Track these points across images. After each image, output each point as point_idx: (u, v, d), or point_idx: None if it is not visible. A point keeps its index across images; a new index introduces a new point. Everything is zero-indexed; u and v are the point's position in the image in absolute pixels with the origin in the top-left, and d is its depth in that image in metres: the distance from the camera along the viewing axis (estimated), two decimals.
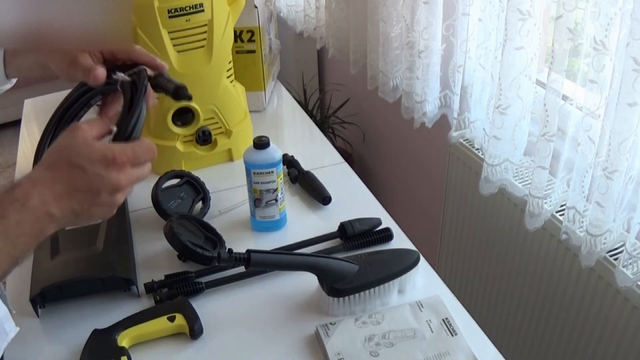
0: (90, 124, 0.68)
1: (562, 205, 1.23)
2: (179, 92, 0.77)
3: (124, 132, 0.69)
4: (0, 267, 0.61)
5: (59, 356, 0.86)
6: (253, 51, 1.44)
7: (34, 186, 0.63)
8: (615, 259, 1.11)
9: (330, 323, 0.86)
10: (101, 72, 0.77)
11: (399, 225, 1.08)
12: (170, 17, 1.12)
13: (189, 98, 0.77)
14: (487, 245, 1.48)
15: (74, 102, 0.84)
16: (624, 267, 1.07)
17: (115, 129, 0.70)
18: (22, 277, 0.99)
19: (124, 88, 0.74)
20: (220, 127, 1.28)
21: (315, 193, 1.16)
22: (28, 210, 0.62)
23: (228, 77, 1.24)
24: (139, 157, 0.68)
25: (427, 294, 0.92)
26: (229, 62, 1.25)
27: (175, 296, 0.92)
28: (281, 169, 1.05)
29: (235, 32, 1.35)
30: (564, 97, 1.12)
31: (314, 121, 1.53)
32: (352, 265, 0.88)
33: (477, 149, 1.44)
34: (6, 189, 0.63)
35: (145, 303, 0.95)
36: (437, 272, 0.98)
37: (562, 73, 1.08)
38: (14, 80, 0.95)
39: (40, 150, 0.80)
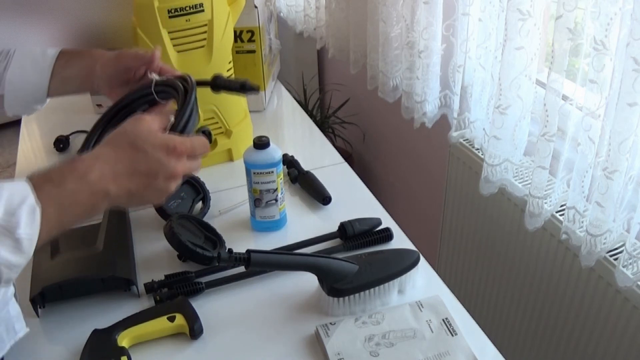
0: (153, 117, 0.73)
1: (562, 205, 1.23)
2: (246, 86, 0.87)
3: (180, 125, 0.75)
4: (47, 231, 0.62)
5: (59, 356, 0.86)
6: (253, 51, 1.44)
7: (96, 161, 0.66)
8: (615, 259, 1.11)
9: (330, 323, 0.86)
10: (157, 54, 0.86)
11: (399, 225, 1.08)
12: (170, 17, 1.12)
13: (257, 89, 0.87)
14: (487, 245, 1.48)
15: (126, 104, 0.88)
16: (624, 267, 1.07)
17: (172, 120, 0.75)
18: (22, 277, 0.99)
19: (176, 89, 0.81)
20: (220, 127, 1.28)
21: (315, 193, 1.16)
22: (86, 182, 0.64)
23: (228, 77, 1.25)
24: (195, 150, 0.73)
25: (427, 294, 0.92)
26: (229, 62, 1.25)
27: (175, 296, 0.92)
28: (281, 169, 1.05)
29: (235, 32, 1.35)
30: (564, 97, 1.12)
31: (314, 121, 1.53)
32: (352, 265, 0.88)
33: (477, 149, 1.44)
34: (67, 160, 0.66)
35: (145, 303, 0.95)
36: (437, 272, 0.98)
37: (562, 73, 1.08)
38: (46, 102, 0.99)
39: (86, 144, 0.84)
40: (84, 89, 0.93)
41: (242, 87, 0.88)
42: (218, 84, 0.89)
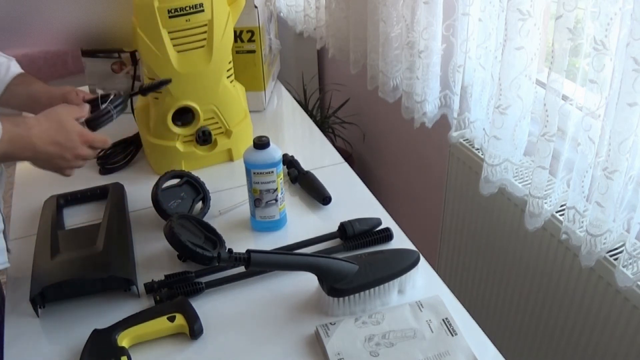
0: (76, 108, 0.98)
1: (562, 205, 1.23)
2: (163, 81, 1.10)
3: (91, 121, 1.00)
4: None
5: (59, 356, 0.86)
6: (253, 51, 1.44)
7: (37, 123, 0.91)
8: (615, 259, 1.11)
9: (330, 323, 0.86)
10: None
11: (399, 225, 1.08)
12: (170, 17, 1.12)
13: (169, 81, 1.11)
14: (487, 245, 1.48)
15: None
16: (624, 267, 1.07)
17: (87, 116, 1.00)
18: (22, 277, 0.99)
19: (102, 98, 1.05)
20: (220, 127, 1.28)
21: (315, 193, 1.16)
22: (29, 133, 0.88)
23: (228, 77, 1.24)
24: (96, 143, 0.97)
25: (427, 294, 0.92)
26: (229, 62, 1.25)
27: (175, 296, 0.92)
28: (281, 169, 1.05)
29: (235, 32, 1.35)
30: (564, 97, 1.12)
31: (314, 121, 1.53)
32: (352, 265, 0.88)
33: (477, 149, 1.44)
34: (24, 116, 0.98)
35: (145, 303, 0.95)
36: (437, 272, 0.98)
37: (562, 73, 1.08)
38: None
39: None
40: (27, 109, 1.11)
41: (160, 84, 1.10)
42: (145, 89, 1.10)
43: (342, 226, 1.04)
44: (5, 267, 0.97)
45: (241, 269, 0.92)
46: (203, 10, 1.14)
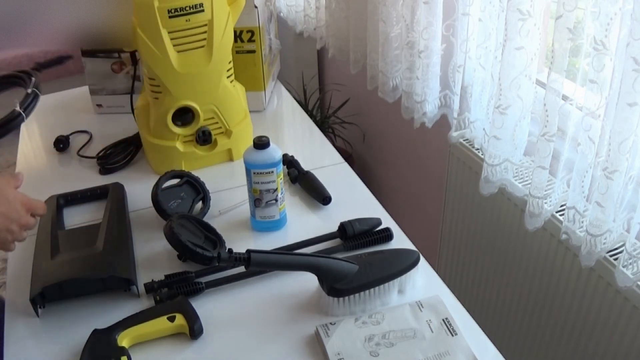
0: (10, 177, 0.94)
1: (562, 205, 1.23)
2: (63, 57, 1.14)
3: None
4: None
5: (59, 356, 0.86)
6: (253, 51, 1.44)
7: None
8: (615, 259, 1.11)
9: (330, 323, 0.86)
10: None
11: (399, 225, 1.08)
12: (170, 17, 1.12)
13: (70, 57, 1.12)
14: (487, 246, 1.48)
15: None
16: (624, 267, 1.07)
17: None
18: (22, 277, 0.99)
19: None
20: (220, 127, 1.28)
21: (315, 193, 1.16)
22: None
23: (228, 77, 1.24)
24: (38, 210, 0.94)
25: (427, 294, 0.92)
26: (229, 62, 1.25)
27: (175, 296, 0.92)
28: (281, 169, 1.05)
29: (235, 32, 1.35)
30: (564, 97, 1.12)
31: (314, 121, 1.53)
32: (352, 265, 0.88)
33: (477, 149, 1.44)
34: None
35: (145, 303, 0.95)
36: (437, 272, 0.98)
37: (562, 73, 1.08)
38: None
39: None
40: None
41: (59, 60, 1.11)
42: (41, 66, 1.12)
43: (342, 226, 1.04)
44: None
45: (241, 269, 0.92)
46: (203, 10, 1.14)
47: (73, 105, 1.61)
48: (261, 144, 1.02)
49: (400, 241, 1.05)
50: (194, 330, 0.87)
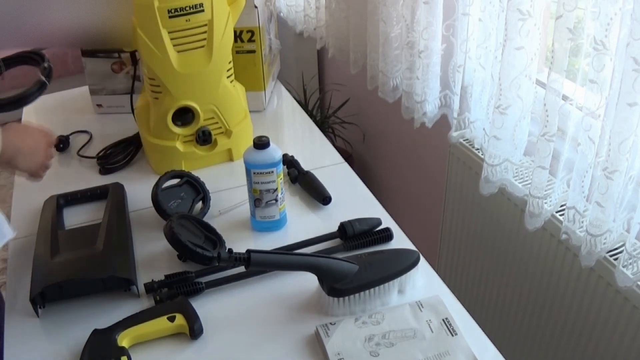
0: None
1: (562, 205, 1.23)
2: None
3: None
4: None
5: (59, 356, 0.86)
6: (253, 51, 1.44)
7: (9, 127, 0.96)
8: (615, 259, 1.11)
9: (330, 323, 0.86)
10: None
11: (399, 225, 1.08)
12: (170, 17, 1.12)
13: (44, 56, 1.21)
14: (487, 246, 1.48)
15: None
16: (624, 267, 1.07)
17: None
18: (22, 277, 0.99)
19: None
20: (220, 127, 1.28)
21: (315, 193, 1.16)
22: (6, 134, 0.91)
23: (228, 77, 1.24)
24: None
25: (427, 294, 0.92)
26: (229, 62, 1.25)
27: (175, 296, 0.92)
28: (281, 169, 1.05)
29: (235, 32, 1.35)
30: (564, 97, 1.12)
31: (314, 121, 1.53)
32: (352, 265, 0.88)
33: (477, 149, 1.44)
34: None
35: (145, 303, 0.95)
36: (437, 272, 0.98)
37: (562, 73, 1.08)
38: None
39: None
40: None
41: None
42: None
43: (342, 226, 1.04)
44: (14, 235, 0.98)
45: (241, 269, 0.92)
46: (203, 10, 1.14)
47: (73, 105, 1.61)
48: (261, 144, 1.02)
49: (400, 241, 1.05)
50: (194, 330, 0.87)
